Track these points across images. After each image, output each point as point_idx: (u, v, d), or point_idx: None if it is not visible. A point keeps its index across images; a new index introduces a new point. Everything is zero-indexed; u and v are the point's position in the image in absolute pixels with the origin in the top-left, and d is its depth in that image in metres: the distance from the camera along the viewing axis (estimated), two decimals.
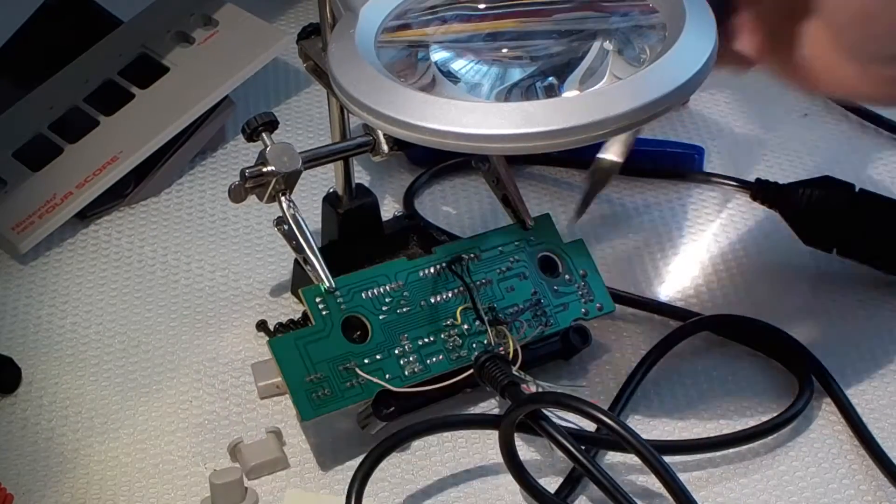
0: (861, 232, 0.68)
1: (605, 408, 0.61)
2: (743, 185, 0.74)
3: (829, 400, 0.63)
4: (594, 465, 0.56)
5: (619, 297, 0.67)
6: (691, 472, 0.60)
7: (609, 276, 0.68)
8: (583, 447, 0.56)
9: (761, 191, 0.70)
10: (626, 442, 0.54)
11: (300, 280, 0.66)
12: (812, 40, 0.53)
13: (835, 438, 0.61)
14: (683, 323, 0.66)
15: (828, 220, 0.68)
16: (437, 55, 0.59)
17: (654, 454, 0.54)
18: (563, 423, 0.60)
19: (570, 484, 0.59)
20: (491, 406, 0.63)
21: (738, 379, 0.64)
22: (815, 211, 0.68)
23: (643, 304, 0.68)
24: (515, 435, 0.57)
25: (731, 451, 0.60)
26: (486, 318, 0.61)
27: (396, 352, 0.61)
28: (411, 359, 0.61)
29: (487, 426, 0.60)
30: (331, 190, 0.68)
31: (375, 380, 0.59)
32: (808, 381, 0.63)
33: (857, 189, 0.68)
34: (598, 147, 0.71)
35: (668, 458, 0.55)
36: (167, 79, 0.78)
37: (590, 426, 0.57)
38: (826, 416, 0.62)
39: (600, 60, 0.58)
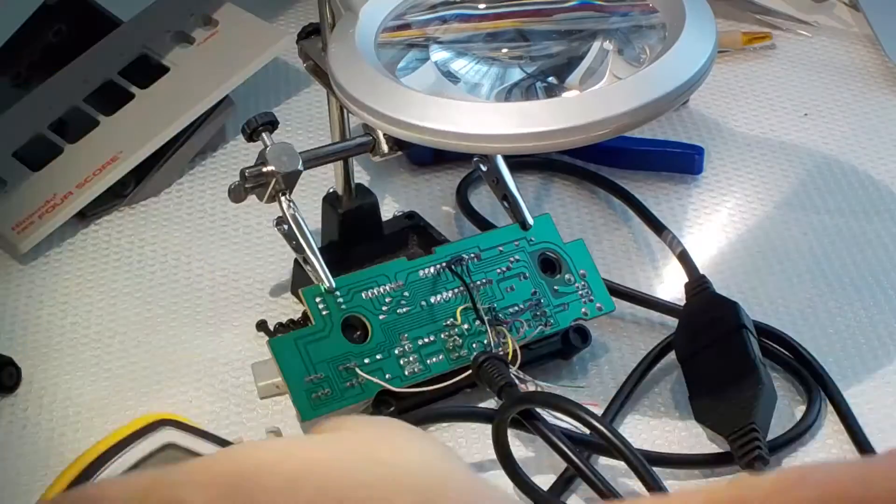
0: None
1: (604, 409, 0.62)
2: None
3: (827, 402, 0.63)
4: (586, 464, 0.56)
5: (618, 292, 0.67)
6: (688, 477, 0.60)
7: (608, 277, 0.68)
8: (578, 449, 0.56)
9: None
10: (613, 446, 0.54)
11: (300, 280, 0.66)
12: None
13: (835, 439, 0.61)
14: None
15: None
16: (437, 55, 0.59)
17: (639, 459, 0.53)
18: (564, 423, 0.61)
19: (564, 482, 0.59)
20: (491, 405, 0.63)
21: None
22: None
23: (642, 300, 0.67)
24: (515, 434, 0.57)
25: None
26: (486, 319, 0.61)
27: (396, 352, 0.61)
28: (411, 359, 0.61)
29: (482, 420, 0.60)
30: (331, 190, 0.68)
31: (375, 380, 0.59)
32: (818, 395, 0.62)
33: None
34: (595, 148, 0.72)
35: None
36: (167, 79, 0.78)
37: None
38: (824, 419, 0.62)
39: (600, 60, 0.58)
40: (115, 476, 0.47)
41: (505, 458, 0.58)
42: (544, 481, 0.58)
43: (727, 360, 0.62)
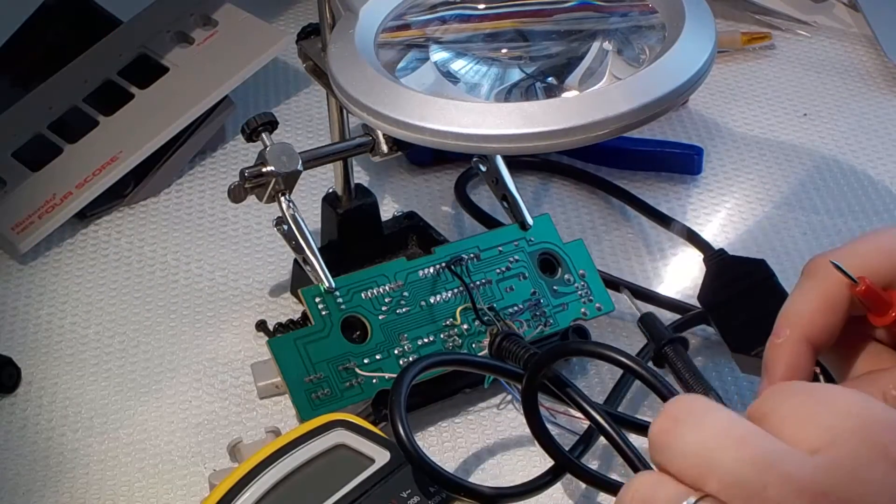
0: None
1: (602, 400, 0.62)
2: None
3: None
4: (616, 430, 0.55)
5: (617, 286, 0.67)
6: None
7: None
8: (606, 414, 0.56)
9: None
10: (651, 385, 0.54)
11: (300, 280, 0.66)
12: None
13: None
14: (682, 316, 0.66)
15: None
16: (437, 55, 0.59)
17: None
18: (563, 423, 0.61)
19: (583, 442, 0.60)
20: (491, 405, 0.63)
21: (737, 375, 0.64)
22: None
23: (641, 295, 0.67)
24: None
25: None
26: (489, 316, 0.61)
27: (396, 352, 0.61)
28: (411, 359, 0.60)
29: (511, 376, 0.59)
30: (330, 190, 0.68)
31: (377, 377, 0.59)
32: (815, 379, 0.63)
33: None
34: (595, 148, 0.72)
35: None
36: (167, 79, 0.78)
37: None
38: None
39: (600, 60, 0.58)
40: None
41: (532, 417, 0.57)
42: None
43: (764, 306, 0.61)
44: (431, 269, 0.63)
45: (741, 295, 0.63)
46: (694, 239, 0.70)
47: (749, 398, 0.63)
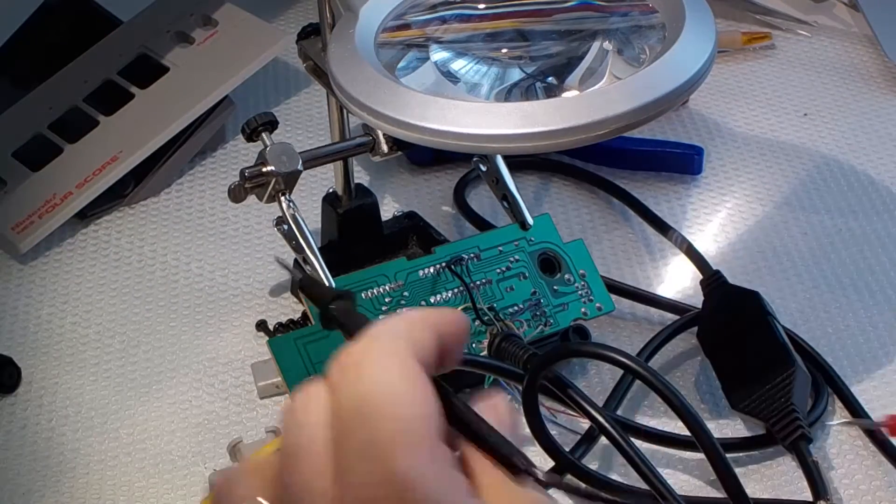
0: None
1: (602, 401, 0.62)
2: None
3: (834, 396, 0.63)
4: (617, 430, 0.55)
5: (618, 290, 0.67)
6: (693, 471, 0.60)
7: (608, 276, 0.68)
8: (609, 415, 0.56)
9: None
10: (652, 385, 0.54)
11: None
12: None
13: (846, 434, 0.61)
14: (681, 316, 0.66)
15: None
16: (437, 55, 0.59)
17: (679, 397, 0.54)
18: (564, 423, 0.61)
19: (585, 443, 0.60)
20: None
21: None
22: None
23: (641, 297, 0.68)
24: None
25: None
26: (489, 316, 0.61)
27: None
28: None
29: (512, 377, 0.60)
30: (330, 190, 0.68)
31: None
32: (823, 389, 0.63)
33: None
34: (595, 148, 0.72)
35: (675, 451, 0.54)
36: (167, 79, 0.78)
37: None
38: (833, 411, 0.62)
39: (600, 60, 0.58)
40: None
41: (533, 418, 0.57)
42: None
43: (758, 347, 0.63)
44: (432, 269, 0.63)
45: (738, 337, 0.64)
46: (692, 254, 0.69)
47: None
